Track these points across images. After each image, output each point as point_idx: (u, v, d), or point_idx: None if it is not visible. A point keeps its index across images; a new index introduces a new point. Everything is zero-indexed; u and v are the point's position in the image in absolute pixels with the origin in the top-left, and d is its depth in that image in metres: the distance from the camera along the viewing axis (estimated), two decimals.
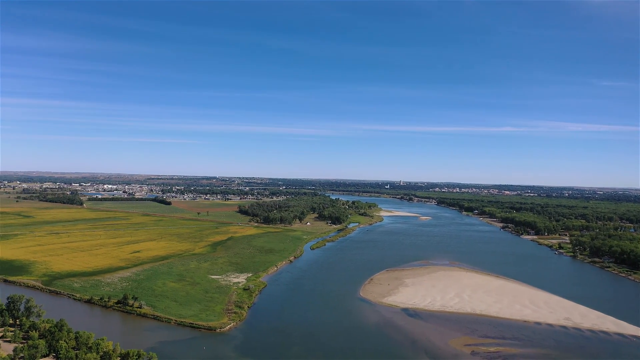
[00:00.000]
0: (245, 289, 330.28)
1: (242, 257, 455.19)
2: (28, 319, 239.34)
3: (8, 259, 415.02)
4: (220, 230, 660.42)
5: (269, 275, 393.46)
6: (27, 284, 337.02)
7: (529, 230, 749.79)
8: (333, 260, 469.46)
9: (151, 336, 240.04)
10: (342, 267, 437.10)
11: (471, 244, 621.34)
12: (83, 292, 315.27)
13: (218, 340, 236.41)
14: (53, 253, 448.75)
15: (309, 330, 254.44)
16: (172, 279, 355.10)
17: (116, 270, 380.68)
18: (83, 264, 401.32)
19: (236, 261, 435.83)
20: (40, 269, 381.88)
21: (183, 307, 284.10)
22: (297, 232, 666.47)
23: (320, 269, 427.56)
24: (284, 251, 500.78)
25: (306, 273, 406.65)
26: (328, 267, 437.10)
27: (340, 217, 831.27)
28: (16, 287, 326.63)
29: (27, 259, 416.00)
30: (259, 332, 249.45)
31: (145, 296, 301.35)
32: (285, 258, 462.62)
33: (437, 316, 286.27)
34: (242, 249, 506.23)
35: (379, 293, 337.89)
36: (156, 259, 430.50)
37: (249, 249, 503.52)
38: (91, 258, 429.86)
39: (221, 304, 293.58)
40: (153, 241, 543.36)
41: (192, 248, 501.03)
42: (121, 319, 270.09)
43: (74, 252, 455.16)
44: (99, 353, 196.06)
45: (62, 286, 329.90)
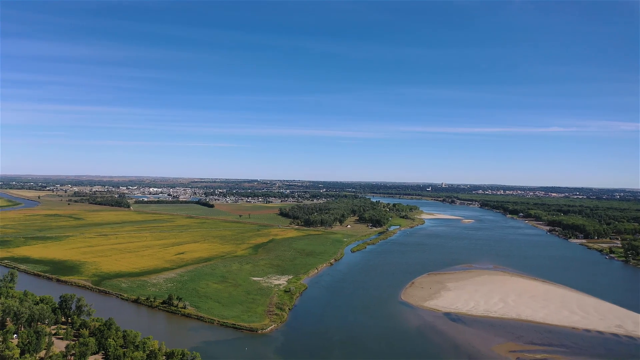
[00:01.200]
0: (286, 291, 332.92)
1: (283, 260, 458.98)
2: (79, 318, 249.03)
3: (61, 260, 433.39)
4: (261, 233, 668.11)
5: (310, 277, 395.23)
6: (78, 284, 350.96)
7: (578, 234, 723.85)
8: (374, 264, 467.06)
9: (195, 336, 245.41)
10: (383, 270, 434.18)
11: (516, 247, 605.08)
12: (130, 292, 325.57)
13: (259, 342, 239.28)
14: (102, 254, 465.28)
15: (349, 333, 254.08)
16: (215, 280, 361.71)
17: (161, 271, 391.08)
18: (130, 265, 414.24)
19: (277, 263, 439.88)
20: (90, 269, 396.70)
21: (225, 308, 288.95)
22: (338, 235, 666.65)
23: (361, 272, 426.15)
24: (325, 254, 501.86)
25: (347, 276, 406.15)
26: (369, 270, 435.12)
27: (381, 219, 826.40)
28: (68, 287, 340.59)
29: (78, 260, 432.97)
30: (300, 335, 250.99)
31: (189, 297, 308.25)
32: (325, 261, 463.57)
33: (480, 321, 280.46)
34: (283, 251, 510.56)
35: (420, 297, 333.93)
36: (200, 261, 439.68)
37: (289, 251, 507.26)
38: (138, 259, 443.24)
39: (262, 306, 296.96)
40: (197, 243, 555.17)
41: (235, 250, 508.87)
42: (166, 319, 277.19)
43: (121, 253, 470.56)
44: (145, 352, 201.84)
45: (111, 286, 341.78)
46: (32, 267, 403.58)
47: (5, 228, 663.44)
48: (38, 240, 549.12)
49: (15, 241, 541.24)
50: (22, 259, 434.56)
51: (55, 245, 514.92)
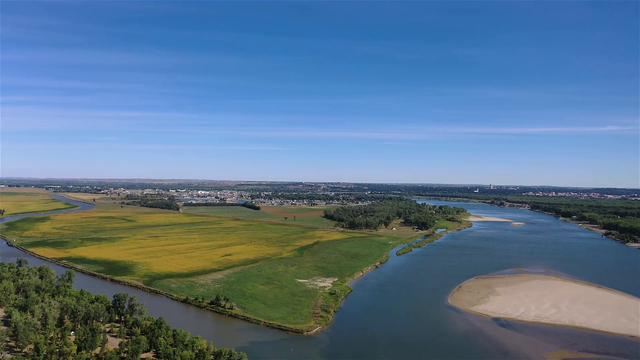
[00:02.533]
0: (332, 293, 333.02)
1: (328, 262, 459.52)
2: (131, 316, 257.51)
3: (114, 260, 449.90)
4: (306, 235, 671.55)
5: (355, 280, 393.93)
6: (130, 284, 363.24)
7: (636, 238, 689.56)
8: (420, 267, 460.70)
9: (241, 336, 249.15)
10: (429, 273, 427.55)
11: (569, 251, 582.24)
12: (179, 292, 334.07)
13: (305, 343, 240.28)
14: (153, 255, 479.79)
15: (395, 338, 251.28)
16: (261, 282, 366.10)
17: (209, 272, 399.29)
18: (179, 266, 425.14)
19: (322, 265, 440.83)
20: (142, 269, 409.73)
21: (271, 309, 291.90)
22: (383, 238, 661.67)
23: (407, 275, 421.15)
24: (370, 256, 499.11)
25: (392, 279, 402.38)
26: (414, 273, 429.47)
27: (426, 222, 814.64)
28: (121, 286, 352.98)
29: (130, 260, 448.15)
30: (345, 337, 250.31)
31: (236, 298, 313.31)
32: (370, 263, 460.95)
33: (531, 327, 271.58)
34: (328, 253, 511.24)
35: (468, 301, 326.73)
36: (246, 262, 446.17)
37: (334, 254, 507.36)
38: (187, 260, 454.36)
39: (308, 308, 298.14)
40: (243, 245, 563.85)
41: (280, 252, 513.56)
42: (214, 319, 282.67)
43: (171, 255, 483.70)
44: (194, 351, 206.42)
45: (161, 286, 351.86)
46: (87, 267, 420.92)
47: (63, 229, 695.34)
48: (93, 241, 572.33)
49: (72, 242, 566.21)
50: (78, 259, 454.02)
51: (109, 246, 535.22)
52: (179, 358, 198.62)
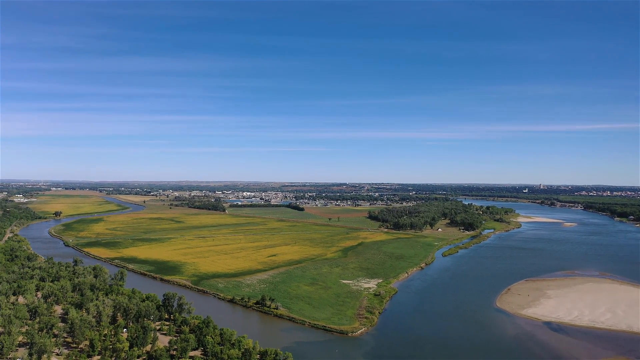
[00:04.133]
0: (376, 295, 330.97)
1: (373, 263, 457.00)
2: (180, 315, 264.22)
3: (163, 260, 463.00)
4: (350, 236, 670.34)
5: (400, 281, 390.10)
6: (179, 283, 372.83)
7: None
8: (466, 268, 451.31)
9: (287, 336, 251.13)
10: (476, 275, 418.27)
11: (626, 253, 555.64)
12: (226, 292, 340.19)
13: (350, 345, 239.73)
14: (200, 255, 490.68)
15: (441, 341, 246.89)
16: (306, 283, 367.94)
17: (255, 273, 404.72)
18: (226, 266, 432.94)
19: (367, 266, 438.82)
20: (190, 269, 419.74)
21: (316, 310, 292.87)
22: (428, 239, 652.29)
23: (453, 277, 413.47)
24: (415, 257, 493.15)
25: (438, 281, 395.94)
26: (461, 275, 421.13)
27: (473, 223, 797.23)
28: (170, 286, 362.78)
29: (179, 260, 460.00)
30: (390, 340, 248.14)
31: (281, 298, 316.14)
32: (416, 264, 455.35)
33: (585, 332, 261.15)
34: (372, 254, 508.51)
35: (517, 304, 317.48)
36: (291, 263, 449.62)
37: (379, 255, 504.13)
38: (233, 260, 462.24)
39: (352, 309, 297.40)
40: (288, 245, 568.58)
41: (324, 253, 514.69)
42: (259, 319, 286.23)
43: (218, 255, 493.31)
44: (241, 350, 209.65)
45: (209, 286, 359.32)
46: (138, 266, 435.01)
47: (116, 230, 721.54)
48: (144, 242, 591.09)
49: (124, 242, 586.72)
50: (129, 259, 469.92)
51: (159, 247, 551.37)
52: (226, 357, 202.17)
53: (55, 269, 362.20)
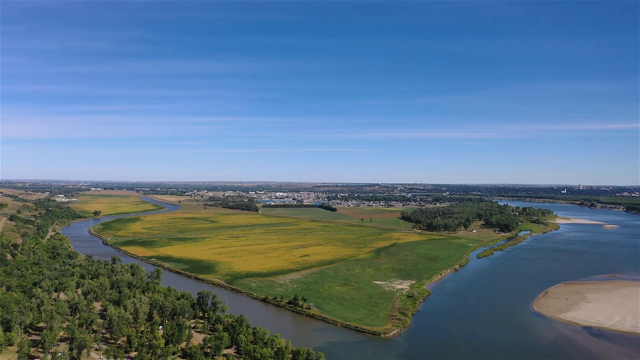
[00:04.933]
0: (409, 296, 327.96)
1: (406, 264, 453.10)
2: (214, 313, 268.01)
3: (198, 259, 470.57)
4: (383, 237, 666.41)
5: (433, 283, 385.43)
6: (213, 282, 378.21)
7: None
8: (502, 271, 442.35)
9: (319, 336, 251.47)
10: (512, 278, 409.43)
11: None
12: (259, 291, 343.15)
13: (382, 346, 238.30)
14: (234, 255, 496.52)
15: (476, 344, 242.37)
16: (338, 283, 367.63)
17: (287, 273, 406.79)
18: (259, 266, 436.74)
19: (399, 267, 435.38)
20: (224, 268, 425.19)
21: (348, 311, 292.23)
22: (462, 240, 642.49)
23: (488, 279, 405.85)
24: (449, 259, 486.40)
25: (472, 283, 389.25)
26: (496, 277, 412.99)
27: (509, 224, 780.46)
28: (204, 284, 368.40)
29: (213, 260, 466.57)
30: (423, 342, 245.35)
31: (313, 298, 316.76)
32: (449, 266, 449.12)
33: (627, 338, 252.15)
34: (405, 255, 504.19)
35: (555, 308, 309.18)
36: (323, 263, 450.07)
37: (412, 256, 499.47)
38: (266, 260, 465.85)
39: (385, 310, 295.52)
40: (320, 246, 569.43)
41: (357, 253, 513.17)
42: (292, 318, 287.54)
43: (251, 255, 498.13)
44: (273, 349, 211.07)
45: (242, 285, 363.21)
46: (173, 265, 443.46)
47: (152, 230, 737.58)
48: (179, 241, 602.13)
49: (160, 241, 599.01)
50: (165, 258, 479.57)
51: (193, 246, 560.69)
52: (258, 355, 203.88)
53: (95, 267, 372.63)
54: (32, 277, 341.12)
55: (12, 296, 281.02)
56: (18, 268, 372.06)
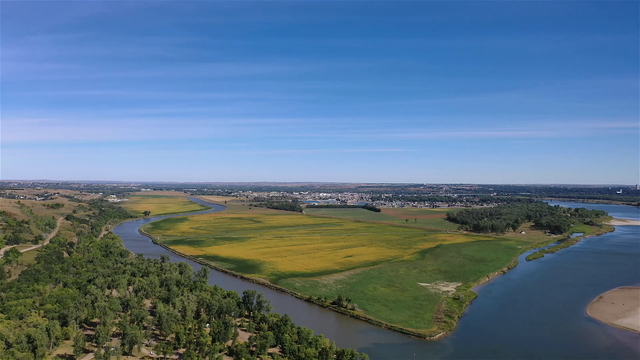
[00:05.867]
0: (455, 299, 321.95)
1: (451, 266, 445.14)
2: (259, 312, 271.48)
3: (243, 259, 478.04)
4: (428, 238, 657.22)
5: (480, 285, 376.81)
6: (257, 281, 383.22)
7: None
8: (552, 274, 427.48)
9: (363, 337, 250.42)
10: (564, 281, 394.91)
11: None
12: (303, 291, 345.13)
13: (428, 348, 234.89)
14: (278, 255, 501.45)
15: (525, 350, 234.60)
16: (382, 284, 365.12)
17: (331, 273, 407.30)
18: (303, 266, 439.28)
19: (445, 269, 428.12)
20: (268, 268, 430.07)
21: (393, 312, 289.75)
22: (511, 242, 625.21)
23: (538, 282, 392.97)
24: (496, 261, 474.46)
25: (521, 286, 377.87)
26: (546, 281, 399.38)
27: (560, 226, 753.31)
28: (249, 284, 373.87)
29: (258, 259, 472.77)
30: (470, 346, 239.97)
31: (357, 299, 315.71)
32: (497, 268, 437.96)
33: None
34: (451, 257, 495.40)
35: (611, 313, 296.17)
36: (367, 264, 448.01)
37: (458, 258, 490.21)
38: (310, 260, 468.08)
39: (430, 312, 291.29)
40: (364, 247, 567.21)
41: (401, 254, 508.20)
42: (336, 319, 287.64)
43: (295, 255, 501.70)
44: (318, 349, 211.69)
45: (286, 285, 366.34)
46: (220, 264, 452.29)
47: (199, 229, 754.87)
48: (225, 241, 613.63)
49: (207, 241, 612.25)
50: (212, 257, 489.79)
51: (239, 246, 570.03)
52: (303, 355, 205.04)
53: (145, 265, 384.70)
54: (86, 275, 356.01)
55: (69, 292, 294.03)
56: (74, 265, 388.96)
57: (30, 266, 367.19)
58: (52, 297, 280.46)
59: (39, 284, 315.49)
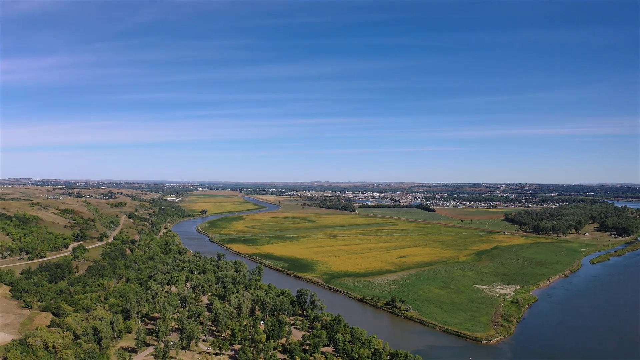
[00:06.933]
0: (513, 302, 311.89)
1: (509, 268, 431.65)
2: (312, 311, 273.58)
3: (297, 258, 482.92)
4: (484, 239, 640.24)
5: (540, 289, 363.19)
6: (311, 280, 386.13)
7: None
8: (619, 279, 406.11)
9: (417, 339, 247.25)
10: (631, 287, 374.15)
11: None
12: (356, 291, 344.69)
13: (484, 353, 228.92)
14: (331, 254, 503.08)
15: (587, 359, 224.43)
16: (437, 286, 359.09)
17: (384, 273, 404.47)
18: (356, 266, 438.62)
19: (502, 271, 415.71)
20: (321, 267, 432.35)
21: (448, 314, 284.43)
22: (573, 244, 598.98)
23: (602, 287, 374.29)
24: (557, 264, 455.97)
25: (584, 291, 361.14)
26: (612, 286, 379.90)
27: (628, 227, 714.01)
28: (302, 282, 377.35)
29: (311, 258, 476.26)
30: (529, 351, 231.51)
31: (411, 300, 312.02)
32: (558, 272, 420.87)
33: None
34: (509, 259, 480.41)
35: None
36: (421, 265, 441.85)
37: (516, 260, 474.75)
38: (362, 260, 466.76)
39: (487, 315, 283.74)
40: (418, 247, 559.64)
41: (456, 256, 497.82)
42: (389, 320, 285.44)
43: (348, 254, 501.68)
44: (371, 349, 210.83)
45: (339, 284, 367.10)
46: (274, 263, 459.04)
47: (254, 228, 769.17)
48: (278, 240, 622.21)
49: (261, 240, 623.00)
50: (266, 256, 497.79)
51: (292, 245, 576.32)
52: (356, 355, 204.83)
53: (202, 263, 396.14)
54: (147, 271, 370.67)
55: (131, 287, 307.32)
56: (135, 262, 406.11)
57: (96, 262, 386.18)
58: (116, 292, 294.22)
59: (103, 279, 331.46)
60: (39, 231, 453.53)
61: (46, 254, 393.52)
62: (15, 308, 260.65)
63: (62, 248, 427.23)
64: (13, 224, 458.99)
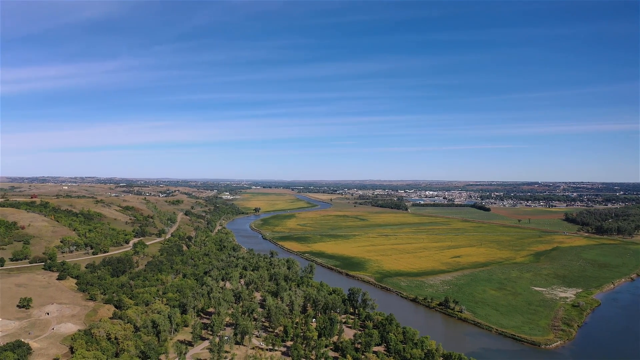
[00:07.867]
0: (574, 306, 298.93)
1: (570, 270, 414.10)
2: (364, 310, 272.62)
3: (348, 256, 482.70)
4: (543, 239, 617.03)
5: (603, 293, 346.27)
6: (362, 279, 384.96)
7: None
8: None
9: (471, 342, 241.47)
10: None
11: None
12: (409, 290, 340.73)
13: (543, 358, 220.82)
14: (383, 253, 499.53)
15: None
16: (492, 287, 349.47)
17: (438, 273, 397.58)
18: (408, 265, 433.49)
19: (563, 274, 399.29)
20: (373, 266, 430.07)
21: (504, 317, 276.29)
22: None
23: None
24: (623, 267, 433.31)
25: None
26: None
27: None
28: (354, 281, 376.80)
29: (363, 257, 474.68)
30: (591, 358, 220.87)
31: (465, 301, 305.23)
32: (624, 275, 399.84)
33: None
34: (569, 260, 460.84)
35: None
36: (476, 265, 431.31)
37: (578, 262, 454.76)
38: (415, 260, 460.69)
39: (546, 319, 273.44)
40: (472, 247, 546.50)
41: (513, 256, 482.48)
42: (442, 321, 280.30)
43: (400, 254, 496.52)
44: (423, 350, 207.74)
45: (391, 284, 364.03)
46: (325, 261, 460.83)
47: (306, 226, 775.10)
48: (330, 238, 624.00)
49: (313, 238, 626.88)
50: (318, 254, 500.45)
51: (344, 243, 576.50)
52: (408, 355, 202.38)
53: (255, 260, 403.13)
54: (203, 267, 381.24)
55: (187, 283, 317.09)
56: (192, 258, 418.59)
57: (155, 257, 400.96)
58: (173, 287, 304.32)
59: (162, 274, 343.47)
60: (102, 227, 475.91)
61: (109, 249, 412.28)
62: (81, 300, 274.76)
63: (123, 244, 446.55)
64: (79, 220, 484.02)
